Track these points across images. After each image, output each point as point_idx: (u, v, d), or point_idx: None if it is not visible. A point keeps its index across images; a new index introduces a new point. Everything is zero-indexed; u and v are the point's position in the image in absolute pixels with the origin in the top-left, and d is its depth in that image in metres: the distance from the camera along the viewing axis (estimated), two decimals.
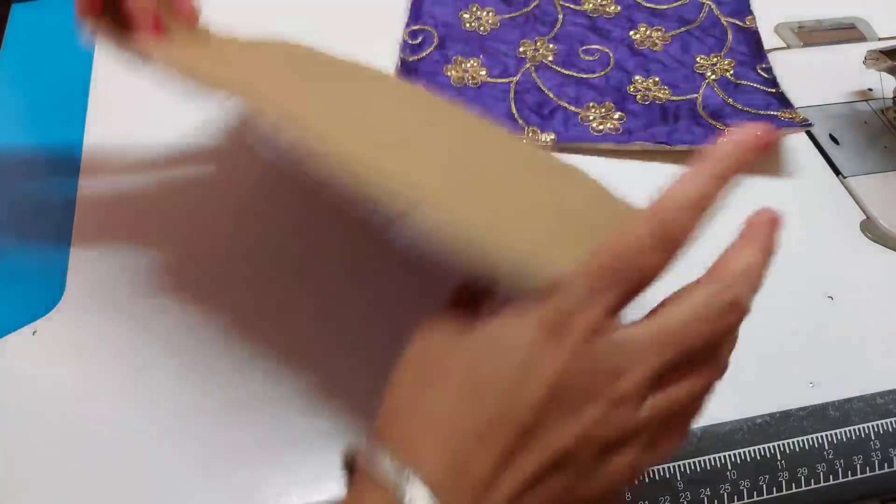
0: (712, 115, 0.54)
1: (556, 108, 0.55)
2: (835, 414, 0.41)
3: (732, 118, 0.53)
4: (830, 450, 0.40)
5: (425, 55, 0.58)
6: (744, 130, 0.29)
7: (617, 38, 0.60)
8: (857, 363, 0.43)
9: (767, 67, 0.58)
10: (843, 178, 0.53)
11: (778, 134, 0.45)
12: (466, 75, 0.57)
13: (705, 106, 0.55)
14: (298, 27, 0.60)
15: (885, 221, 0.50)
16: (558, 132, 0.54)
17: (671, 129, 0.53)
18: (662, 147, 0.53)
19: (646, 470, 0.36)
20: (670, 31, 0.61)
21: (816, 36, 0.63)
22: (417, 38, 0.59)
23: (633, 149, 0.53)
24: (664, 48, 0.59)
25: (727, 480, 0.39)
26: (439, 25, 0.60)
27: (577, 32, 0.61)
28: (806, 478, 0.40)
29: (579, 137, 0.53)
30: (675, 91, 0.56)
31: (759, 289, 0.29)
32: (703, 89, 0.56)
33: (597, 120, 0.54)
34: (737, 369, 0.43)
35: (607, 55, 0.59)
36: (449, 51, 0.59)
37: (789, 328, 0.44)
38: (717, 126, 0.53)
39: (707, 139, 0.52)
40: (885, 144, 0.55)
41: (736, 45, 0.59)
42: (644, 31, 0.61)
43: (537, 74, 0.57)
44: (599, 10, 0.62)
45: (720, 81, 0.57)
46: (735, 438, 0.40)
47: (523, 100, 0.56)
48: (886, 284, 0.47)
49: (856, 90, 0.58)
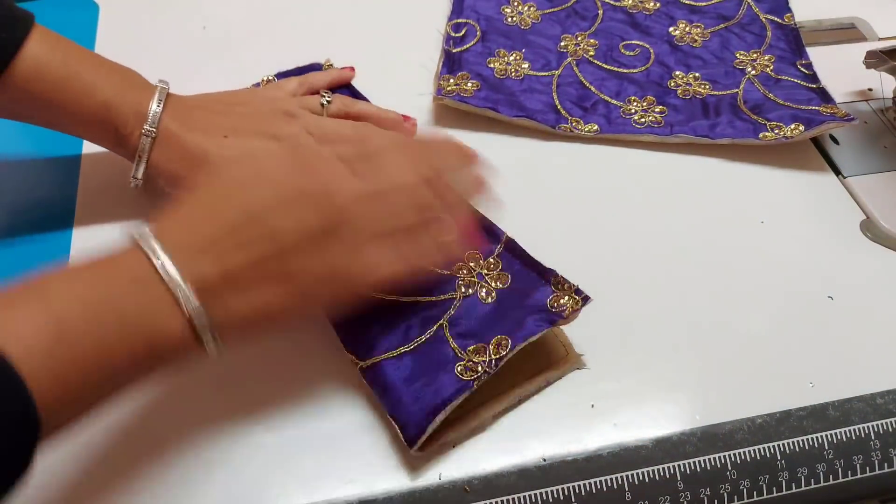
0: (753, 110, 0.54)
1: (598, 102, 0.56)
2: (835, 414, 0.41)
3: (773, 113, 0.54)
4: (830, 450, 0.40)
5: (469, 47, 0.59)
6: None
7: (657, 33, 0.61)
8: (857, 363, 0.43)
9: (807, 63, 0.58)
10: (843, 178, 0.53)
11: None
12: (509, 68, 0.58)
13: (746, 101, 0.55)
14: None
15: (885, 221, 0.50)
16: (601, 124, 0.54)
17: (713, 122, 0.54)
18: (704, 140, 0.53)
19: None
20: (709, 28, 0.61)
21: (816, 36, 0.63)
22: (460, 30, 0.60)
23: (675, 142, 0.54)
24: (704, 44, 0.60)
25: (727, 480, 0.39)
26: (481, 19, 0.61)
27: (616, 28, 0.61)
28: (806, 478, 0.40)
29: (621, 129, 0.54)
30: (715, 86, 0.57)
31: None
32: (744, 84, 0.57)
33: (638, 113, 0.55)
34: (737, 369, 0.43)
35: (647, 51, 0.60)
36: (492, 44, 0.60)
37: (789, 328, 0.44)
38: (759, 121, 0.53)
39: (749, 133, 0.53)
40: (885, 144, 0.55)
41: (775, 41, 0.60)
42: (683, 28, 0.61)
43: (579, 69, 0.58)
44: (639, 6, 0.63)
45: (760, 77, 0.57)
46: (735, 438, 0.40)
47: (566, 92, 0.56)
48: (886, 284, 0.47)
49: (856, 90, 0.59)
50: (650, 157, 0.54)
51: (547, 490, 0.38)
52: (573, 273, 0.47)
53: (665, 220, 0.50)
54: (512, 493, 0.38)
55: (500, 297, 0.43)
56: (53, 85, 0.43)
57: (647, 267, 0.47)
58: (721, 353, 0.43)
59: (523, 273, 0.44)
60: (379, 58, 0.58)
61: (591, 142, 0.54)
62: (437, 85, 0.56)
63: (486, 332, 0.41)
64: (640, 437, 0.40)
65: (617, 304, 0.45)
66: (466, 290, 0.43)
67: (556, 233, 0.49)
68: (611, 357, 0.43)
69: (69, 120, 0.44)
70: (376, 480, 0.38)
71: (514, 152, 0.54)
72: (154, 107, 0.44)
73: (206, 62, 0.58)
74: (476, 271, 0.44)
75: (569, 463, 0.39)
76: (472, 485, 0.38)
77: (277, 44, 0.57)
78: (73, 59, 0.44)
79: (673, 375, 0.42)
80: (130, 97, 0.44)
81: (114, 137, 0.45)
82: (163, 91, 0.45)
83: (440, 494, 0.38)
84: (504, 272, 0.44)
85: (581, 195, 0.51)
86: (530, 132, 0.55)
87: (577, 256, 0.48)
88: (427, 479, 0.38)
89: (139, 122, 0.44)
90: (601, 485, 0.39)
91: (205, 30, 0.62)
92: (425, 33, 0.61)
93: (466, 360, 0.39)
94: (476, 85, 0.56)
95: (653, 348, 0.43)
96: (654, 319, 0.45)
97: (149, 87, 0.46)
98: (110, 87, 0.44)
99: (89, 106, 0.44)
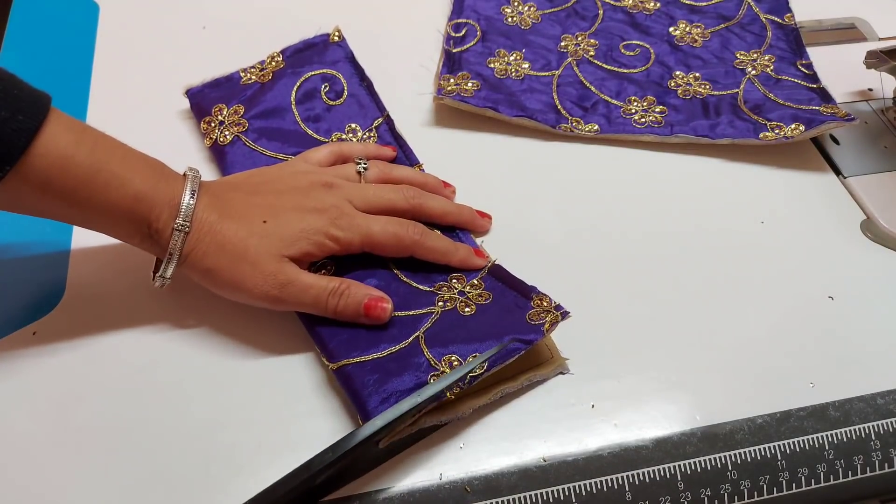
0: (754, 110, 0.54)
1: (598, 102, 0.56)
2: (835, 414, 0.41)
3: (774, 113, 0.54)
4: (831, 450, 0.40)
5: (469, 47, 0.59)
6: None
7: (657, 34, 0.61)
8: (857, 363, 0.43)
9: (808, 63, 0.58)
10: (843, 178, 0.53)
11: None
12: (509, 68, 0.58)
13: (746, 101, 0.55)
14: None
15: (885, 221, 0.50)
16: (601, 124, 0.54)
17: (713, 122, 0.54)
18: (704, 140, 0.53)
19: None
20: (710, 28, 0.61)
21: (817, 36, 0.63)
22: (461, 30, 0.60)
23: (675, 142, 0.54)
24: (704, 44, 0.60)
25: (728, 480, 0.39)
26: (481, 19, 0.61)
27: (616, 28, 0.61)
28: (806, 478, 0.40)
29: (622, 129, 0.54)
30: (715, 86, 0.57)
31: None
32: (744, 84, 0.57)
33: (639, 113, 0.55)
34: (737, 369, 0.43)
35: (647, 51, 0.60)
36: (492, 44, 0.60)
37: (789, 328, 0.44)
38: (759, 121, 0.53)
39: (749, 133, 0.53)
40: (885, 144, 0.55)
41: (775, 41, 0.60)
42: (684, 28, 0.61)
43: (579, 69, 0.58)
44: (639, 6, 0.63)
45: (761, 77, 0.57)
46: (735, 438, 0.40)
47: (566, 92, 0.56)
48: (886, 284, 0.47)
49: (856, 90, 0.59)
50: (650, 157, 0.54)
51: (547, 490, 0.38)
52: (573, 273, 0.47)
53: (665, 220, 0.50)
54: (512, 494, 0.38)
55: (480, 311, 0.43)
56: (77, 178, 0.38)
57: (648, 267, 0.47)
58: (721, 353, 0.43)
59: (505, 292, 0.44)
60: (379, 58, 0.58)
61: (591, 142, 0.54)
62: (438, 85, 0.56)
63: (462, 344, 0.41)
64: (640, 437, 0.40)
65: (617, 304, 0.45)
66: (445, 305, 0.43)
67: (556, 233, 0.49)
68: (611, 357, 0.43)
69: (94, 213, 0.40)
70: (376, 480, 0.38)
71: (514, 152, 0.54)
72: (187, 197, 0.40)
73: (206, 62, 0.58)
74: (458, 289, 0.44)
75: (569, 463, 0.39)
76: (473, 485, 0.38)
77: (277, 44, 0.57)
78: (101, 149, 0.39)
79: (673, 375, 0.42)
80: (163, 188, 0.40)
81: (145, 233, 0.40)
82: (195, 180, 0.42)
83: (440, 494, 0.38)
84: (487, 291, 0.44)
85: (581, 195, 0.51)
86: (530, 132, 0.55)
87: (577, 256, 0.48)
88: (427, 479, 0.38)
89: (171, 216, 0.40)
90: (601, 485, 0.39)
91: (205, 29, 0.62)
92: (425, 33, 0.61)
93: (440, 371, 0.39)
94: (476, 85, 0.56)
95: (653, 348, 0.43)
96: (654, 319, 0.45)
97: (178, 176, 0.42)
98: (140, 178, 0.40)
99: (118, 199, 0.39)
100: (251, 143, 0.51)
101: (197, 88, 0.55)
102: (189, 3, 0.64)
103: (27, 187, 0.38)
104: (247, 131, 0.52)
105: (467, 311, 0.43)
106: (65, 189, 0.38)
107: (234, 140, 0.51)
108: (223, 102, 0.53)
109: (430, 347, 0.41)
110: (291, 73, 0.55)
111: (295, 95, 0.54)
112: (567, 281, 0.46)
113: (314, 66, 0.55)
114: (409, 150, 0.52)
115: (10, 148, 0.36)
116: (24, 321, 0.44)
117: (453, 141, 0.54)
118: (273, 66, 0.56)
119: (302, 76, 0.54)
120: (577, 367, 0.43)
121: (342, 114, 0.54)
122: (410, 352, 0.41)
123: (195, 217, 0.41)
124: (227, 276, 0.41)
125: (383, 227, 0.44)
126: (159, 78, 0.58)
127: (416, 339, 0.41)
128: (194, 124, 0.54)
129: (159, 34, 0.61)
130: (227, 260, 0.41)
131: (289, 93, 0.54)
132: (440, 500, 0.38)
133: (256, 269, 0.41)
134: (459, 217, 0.48)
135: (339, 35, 0.58)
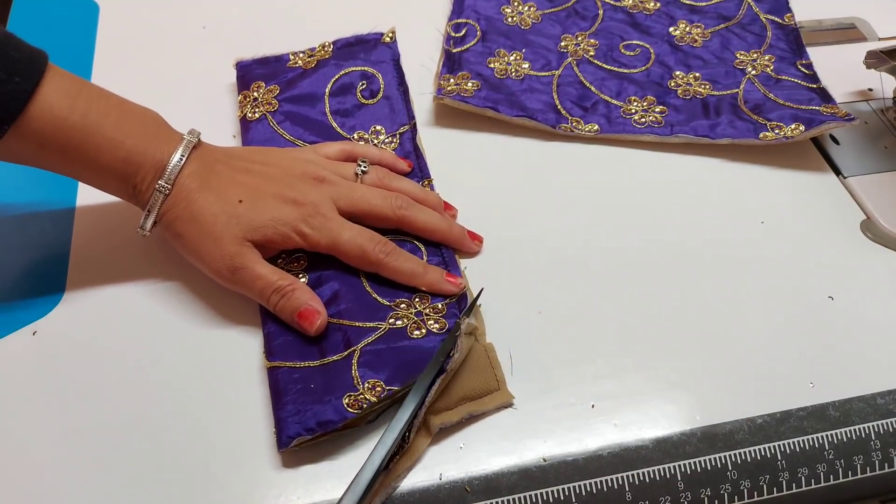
0: (754, 110, 0.54)
1: (598, 102, 0.56)
2: (835, 414, 0.41)
3: (774, 113, 0.54)
4: (831, 450, 0.40)
5: (469, 47, 0.59)
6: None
7: (657, 34, 0.61)
8: (857, 363, 0.43)
9: (808, 63, 0.58)
10: (843, 178, 0.53)
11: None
12: (509, 68, 0.58)
13: (746, 101, 0.55)
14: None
15: (885, 221, 0.50)
16: (601, 124, 0.54)
17: (713, 122, 0.54)
18: (705, 140, 0.53)
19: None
20: (710, 28, 0.61)
21: (817, 36, 0.63)
22: (461, 30, 0.60)
23: (675, 142, 0.54)
24: (704, 44, 0.60)
25: (728, 480, 0.39)
26: (481, 19, 0.61)
27: (616, 28, 0.61)
28: (806, 478, 0.40)
29: (622, 129, 0.54)
30: (715, 86, 0.57)
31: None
32: (744, 84, 0.57)
33: (639, 113, 0.55)
34: (737, 369, 0.43)
35: (647, 51, 0.60)
36: (492, 44, 0.60)
37: (789, 328, 0.44)
38: (759, 121, 0.53)
39: (749, 133, 0.53)
40: (885, 144, 0.55)
41: (775, 41, 0.60)
42: (684, 28, 0.61)
43: (579, 69, 0.58)
44: (639, 6, 0.63)
45: (761, 77, 0.57)
46: (735, 438, 0.40)
47: (566, 92, 0.56)
48: (886, 284, 0.47)
49: (856, 90, 0.59)
50: (650, 157, 0.54)
51: (547, 490, 0.38)
52: (573, 272, 0.47)
53: (665, 221, 0.50)
54: (512, 494, 0.38)
55: (428, 338, 0.42)
56: (70, 140, 0.40)
57: (648, 267, 0.47)
58: (721, 353, 0.43)
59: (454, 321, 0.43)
60: None
61: (591, 142, 0.54)
62: (438, 85, 0.56)
63: (393, 372, 0.40)
64: (640, 437, 0.40)
65: (617, 304, 0.45)
66: (395, 323, 0.43)
67: (555, 232, 0.49)
68: (611, 357, 0.43)
69: (85, 172, 0.42)
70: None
71: (514, 152, 0.54)
72: (175, 159, 0.42)
73: (206, 62, 0.58)
74: (417, 309, 0.43)
75: (569, 463, 0.39)
76: (473, 485, 0.38)
77: (277, 44, 0.57)
78: (95, 112, 0.41)
79: (673, 375, 0.42)
80: (152, 150, 0.42)
81: (130, 192, 0.43)
82: (188, 144, 0.43)
83: (440, 494, 0.38)
84: (444, 320, 0.43)
85: (581, 195, 0.51)
86: (530, 132, 0.55)
87: (577, 256, 0.48)
88: (427, 479, 0.38)
89: (156, 177, 0.42)
90: (601, 485, 0.39)
91: (205, 29, 0.62)
92: (425, 33, 0.61)
93: (358, 394, 0.39)
94: (476, 85, 0.56)
95: (653, 348, 0.43)
96: (654, 319, 0.45)
97: (174, 137, 0.43)
98: (132, 140, 0.42)
99: (108, 161, 0.41)
100: (275, 125, 0.52)
101: (246, 62, 0.56)
102: (189, 2, 0.64)
103: (25, 144, 0.40)
104: (275, 112, 0.53)
105: (417, 333, 0.42)
106: (59, 149, 0.41)
107: (262, 118, 0.52)
108: (264, 80, 0.55)
109: (361, 367, 0.40)
110: (335, 64, 0.55)
111: (331, 87, 0.54)
112: (567, 280, 0.46)
113: (358, 61, 0.56)
114: (423, 163, 0.52)
115: (7, 110, 0.39)
116: (24, 321, 0.44)
117: (453, 141, 0.54)
118: (321, 55, 0.56)
119: (343, 69, 0.55)
120: (578, 367, 0.43)
121: (371, 114, 0.54)
122: (342, 365, 0.40)
123: (177, 181, 0.42)
124: (192, 246, 0.43)
125: (352, 236, 0.43)
126: (159, 78, 0.58)
127: (351, 353, 0.41)
128: (194, 124, 0.54)
129: (159, 34, 0.61)
130: (195, 230, 0.42)
131: (326, 83, 0.55)
132: (440, 500, 0.38)
133: (217, 246, 0.42)
134: (448, 235, 0.46)
135: (393, 36, 0.58)
